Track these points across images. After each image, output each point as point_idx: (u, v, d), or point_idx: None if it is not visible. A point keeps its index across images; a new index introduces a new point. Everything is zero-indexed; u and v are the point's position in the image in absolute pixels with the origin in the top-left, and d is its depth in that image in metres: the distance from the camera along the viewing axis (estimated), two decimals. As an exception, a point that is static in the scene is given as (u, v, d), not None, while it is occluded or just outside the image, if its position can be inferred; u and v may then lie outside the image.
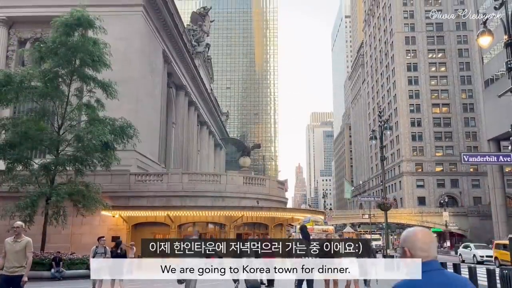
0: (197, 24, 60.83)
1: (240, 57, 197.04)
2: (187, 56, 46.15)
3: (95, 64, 18.94)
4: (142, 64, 32.42)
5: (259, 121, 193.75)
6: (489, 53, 58.88)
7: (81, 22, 18.87)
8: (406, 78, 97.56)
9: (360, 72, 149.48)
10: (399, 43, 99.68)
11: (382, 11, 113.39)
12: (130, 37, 30.86)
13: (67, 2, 28.65)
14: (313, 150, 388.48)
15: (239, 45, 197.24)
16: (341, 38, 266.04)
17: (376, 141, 34.22)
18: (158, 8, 34.44)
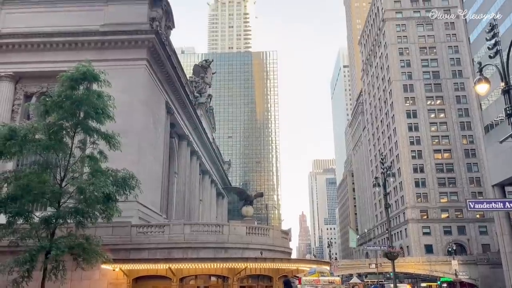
0: (199, 76, 62.31)
1: (241, 106, 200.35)
2: (190, 107, 46.92)
3: (99, 117, 19.21)
4: (145, 116, 32.90)
5: (261, 169, 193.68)
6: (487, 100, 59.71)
7: (86, 76, 19.33)
8: (406, 124, 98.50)
9: (360, 119, 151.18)
10: (398, 91, 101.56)
11: (379, 61, 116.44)
12: (134, 90, 31.52)
13: (74, 57, 29.62)
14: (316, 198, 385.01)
15: (240, 95, 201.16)
16: (340, 86, 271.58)
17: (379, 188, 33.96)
18: (161, 62, 35.42)
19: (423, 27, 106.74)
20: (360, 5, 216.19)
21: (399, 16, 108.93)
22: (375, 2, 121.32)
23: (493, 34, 18.96)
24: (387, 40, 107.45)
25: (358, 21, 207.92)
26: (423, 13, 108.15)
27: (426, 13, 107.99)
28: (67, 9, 34.97)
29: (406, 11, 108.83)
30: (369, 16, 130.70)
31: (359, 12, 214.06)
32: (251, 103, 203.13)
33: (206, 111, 64.73)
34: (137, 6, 34.62)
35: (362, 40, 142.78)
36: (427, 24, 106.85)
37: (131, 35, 32.80)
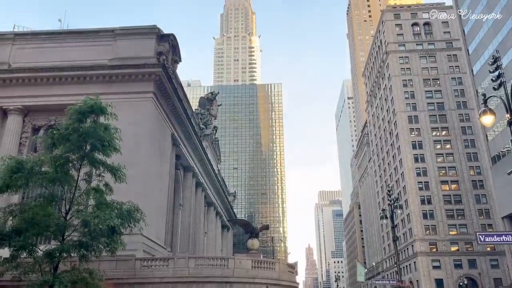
0: (205, 108, 63.02)
1: (247, 138, 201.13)
2: (195, 139, 47.19)
3: (105, 149, 19.35)
4: (151, 148, 33.08)
5: (266, 201, 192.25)
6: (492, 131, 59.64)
7: (93, 109, 19.60)
8: (412, 156, 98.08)
9: (365, 150, 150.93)
10: (403, 122, 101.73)
11: (384, 93, 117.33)
12: (140, 122, 31.84)
13: (82, 90, 30.16)
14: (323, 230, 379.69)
15: (245, 127, 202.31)
16: (345, 118, 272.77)
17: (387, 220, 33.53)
18: (168, 95, 35.91)
19: (426, 59, 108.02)
20: (363, 38, 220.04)
21: (402, 48, 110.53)
22: (378, 35, 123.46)
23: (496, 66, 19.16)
24: (391, 72, 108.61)
25: (362, 53, 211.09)
26: (426, 46, 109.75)
27: (428, 46, 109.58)
28: (76, 44, 35.89)
29: (408, 44, 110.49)
30: (372, 49, 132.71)
31: (362, 45, 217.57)
32: (256, 135, 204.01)
33: (211, 143, 65.04)
34: (144, 41, 35.46)
35: (366, 72, 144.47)
36: (430, 56, 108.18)
37: (138, 69, 33.45)
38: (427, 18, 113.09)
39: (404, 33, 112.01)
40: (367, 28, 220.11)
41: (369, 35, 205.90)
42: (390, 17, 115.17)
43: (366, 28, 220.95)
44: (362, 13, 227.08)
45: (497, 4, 60.11)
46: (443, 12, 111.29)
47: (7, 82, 34.01)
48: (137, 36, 35.77)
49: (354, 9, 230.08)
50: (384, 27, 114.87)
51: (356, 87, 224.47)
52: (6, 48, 35.65)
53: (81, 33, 37.12)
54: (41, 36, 37.10)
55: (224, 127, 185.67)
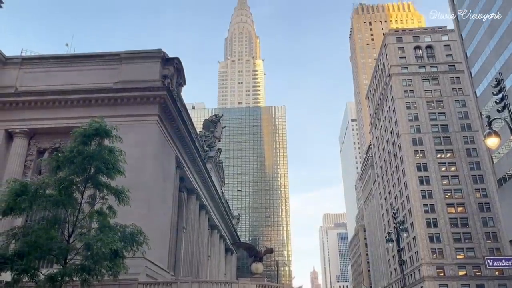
0: (209, 131, 63.23)
1: (251, 160, 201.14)
2: (199, 161, 47.19)
3: (109, 172, 19.36)
4: (155, 170, 33.08)
5: (270, 223, 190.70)
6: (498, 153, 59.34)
7: (98, 132, 19.72)
8: (417, 178, 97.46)
9: (370, 173, 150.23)
10: (407, 144, 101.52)
11: (387, 115, 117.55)
12: (145, 144, 31.95)
13: (87, 113, 30.40)
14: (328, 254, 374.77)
15: (249, 149, 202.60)
16: (349, 140, 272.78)
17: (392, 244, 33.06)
18: (172, 117, 36.12)
19: (429, 82, 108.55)
20: (366, 61, 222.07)
21: (404, 71, 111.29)
22: (380, 58, 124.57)
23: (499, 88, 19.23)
24: (394, 95, 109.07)
25: (365, 76, 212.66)
26: (428, 68, 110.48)
27: (431, 68, 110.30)
28: (82, 68, 36.39)
29: (411, 67, 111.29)
30: (375, 72, 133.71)
31: (365, 67, 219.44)
32: (260, 157, 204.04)
33: (215, 165, 64.99)
34: (150, 65, 35.91)
35: (369, 94, 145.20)
36: (433, 78, 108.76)
37: (143, 92, 33.77)
38: (429, 41, 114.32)
39: (407, 56, 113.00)
40: (369, 51, 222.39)
41: (372, 58, 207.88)
42: (393, 40, 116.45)
43: (368, 52, 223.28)
44: (365, 36, 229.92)
45: (499, 28, 60.74)
46: (445, 35, 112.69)
47: (13, 105, 34.38)
48: (142, 59, 36.25)
49: (356, 33, 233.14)
50: (387, 50, 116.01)
51: (359, 110, 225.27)
52: (13, 72, 36.19)
53: (87, 57, 37.68)
54: (48, 60, 37.66)
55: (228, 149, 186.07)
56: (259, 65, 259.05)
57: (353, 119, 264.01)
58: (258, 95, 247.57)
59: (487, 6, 64.05)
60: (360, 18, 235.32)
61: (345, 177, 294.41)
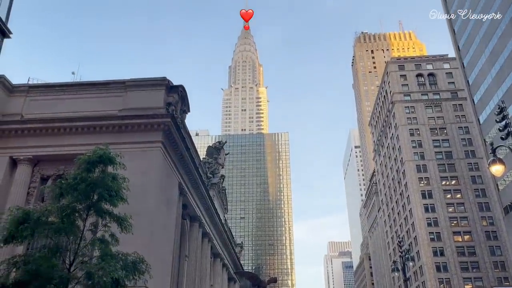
0: (213, 157, 63.18)
1: (254, 187, 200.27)
2: (202, 188, 47.00)
3: (112, 199, 19.31)
4: (158, 197, 32.94)
5: (274, 252, 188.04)
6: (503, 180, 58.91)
7: (102, 159, 19.78)
8: (422, 205, 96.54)
9: (374, 200, 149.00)
10: (411, 171, 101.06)
11: (391, 142, 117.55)
12: (148, 171, 31.91)
13: (92, 140, 30.53)
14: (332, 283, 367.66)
15: (252, 176, 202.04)
16: (353, 167, 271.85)
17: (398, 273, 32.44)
18: (176, 144, 36.23)
19: (432, 109, 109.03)
20: (368, 88, 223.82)
21: (407, 98, 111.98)
22: (383, 86, 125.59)
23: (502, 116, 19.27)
24: (397, 122, 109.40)
25: (367, 103, 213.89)
26: (431, 96, 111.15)
27: (434, 96, 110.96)
28: (88, 96, 36.81)
29: (414, 94, 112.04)
30: (378, 99, 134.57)
31: (367, 95, 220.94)
32: (264, 184, 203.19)
33: (218, 192, 64.66)
34: (154, 92, 36.29)
35: (372, 121, 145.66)
36: (436, 106, 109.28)
37: (148, 119, 34.00)
38: (431, 69, 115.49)
39: (409, 83, 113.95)
40: (372, 79, 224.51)
41: (374, 86, 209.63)
42: (395, 68, 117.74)
43: (371, 79, 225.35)
44: (367, 64, 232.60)
45: (500, 56, 61.41)
46: (446, 63, 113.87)
47: (19, 133, 34.63)
48: (147, 87, 36.66)
49: (358, 61, 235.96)
50: (389, 77, 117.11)
51: (363, 136, 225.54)
52: (20, 100, 36.61)
53: (93, 85, 38.16)
54: (54, 88, 38.14)
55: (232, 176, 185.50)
56: (262, 92, 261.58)
57: (356, 145, 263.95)
58: (262, 122, 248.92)
59: (488, 36, 64.96)
60: (362, 46, 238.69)
61: (349, 204, 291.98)
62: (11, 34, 34.48)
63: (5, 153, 34.12)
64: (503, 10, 59.66)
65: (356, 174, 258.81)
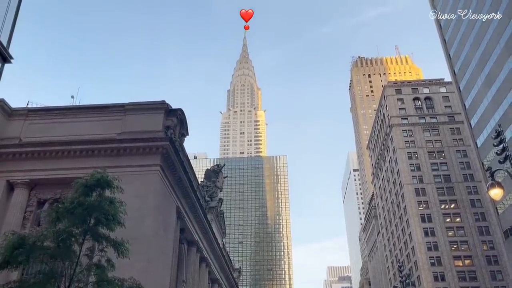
0: (211, 181, 62.95)
1: (252, 210, 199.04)
2: (200, 212, 46.64)
3: (109, 223, 19.14)
4: (156, 222, 32.64)
5: (273, 277, 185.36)
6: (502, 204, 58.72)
7: (100, 183, 19.70)
8: (421, 229, 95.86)
9: (374, 224, 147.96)
10: (410, 195, 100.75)
11: (389, 165, 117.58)
12: (146, 195, 31.73)
13: (90, 164, 30.47)
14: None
15: (251, 199, 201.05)
16: (351, 190, 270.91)
17: (399, 299, 31.91)
18: (174, 167, 36.14)
19: (429, 132, 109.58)
20: (366, 112, 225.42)
21: (405, 122, 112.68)
22: (380, 109, 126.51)
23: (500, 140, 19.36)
24: (395, 145, 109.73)
25: (365, 127, 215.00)
26: (428, 119, 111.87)
27: (431, 119, 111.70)
28: (86, 119, 36.90)
29: (411, 118, 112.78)
30: (375, 122, 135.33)
31: (365, 118, 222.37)
32: (262, 207, 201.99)
33: (216, 216, 64.14)
34: (153, 116, 36.42)
35: (370, 144, 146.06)
36: (433, 129, 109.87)
37: (146, 142, 34.02)
38: (427, 92, 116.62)
39: (406, 107, 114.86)
40: (369, 102, 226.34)
41: (372, 109, 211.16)
42: (392, 92, 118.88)
43: (368, 103, 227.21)
44: (364, 88, 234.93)
45: (496, 79, 62.12)
46: (443, 87, 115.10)
47: (16, 156, 34.54)
48: (146, 111, 36.82)
49: (356, 85, 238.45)
50: (387, 101, 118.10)
51: (361, 160, 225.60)
52: (18, 124, 36.67)
53: (92, 108, 38.32)
54: (53, 112, 38.25)
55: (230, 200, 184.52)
56: (260, 115, 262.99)
57: (355, 169, 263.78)
58: (260, 145, 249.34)
59: (484, 59, 65.86)
60: (359, 70, 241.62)
61: (348, 228, 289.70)
62: (12, 60, 34.82)
63: (2, 177, 33.94)
64: (499, 34, 60.68)
65: (355, 197, 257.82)
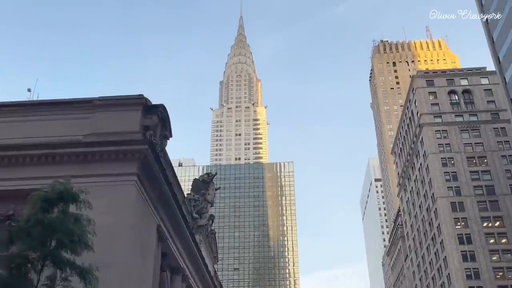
0: (200, 193, 62.91)
1: (251, 230, 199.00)
2: (187, 232, 46.56)
3: (74, 246, 19.05)
4: (131, 244, 32.57)
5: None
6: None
7: (63, 196, 19.65)
8: (459, 253, 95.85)
9: (400, 246, 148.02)
10: (445, 210, 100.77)
11: (419, 173, 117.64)
12: (119, 211, 31.64)
13: (50, 173, 30.29)
14: None
15: (249, 216, 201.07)
16: (372, 205, 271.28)
17: None
18: (154, 177, 36.05)
19: (468, 133, 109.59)
20: (390, 108, 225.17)
21: (438, 120, 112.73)
22: (408, 105, 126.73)
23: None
24: (426, 149, 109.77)
25: (389, 126, 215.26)
26: (467, 117, 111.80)
27: (470, 117, 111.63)
28: (47, 118, 36.74)
29: (446, 115, 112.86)
30: (402, 121, 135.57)
31: (389, 116, 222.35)
32: (263, 226, 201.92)
33: (206, 236, 64.12)
34: (128, 113, 36.30)
35: (395, 149, 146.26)
36: (473, 129, 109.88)
37: (119, 146, 33.90)
38: (466, 84, 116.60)
39: (440, 102, 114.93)
40: (394, 96, 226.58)
41: (398, 105, 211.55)
42: (422, 83, 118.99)
43: (393, 97, 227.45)
44: (388, 79, 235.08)
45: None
46: (484, 78, 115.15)
47: (-41, 164, 34.52)
48: (119, 107, 36.70)
49: (378, 76, 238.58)
50: (416, 95, 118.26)
51: (384, 167, 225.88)
52: (-39, 123, 36.63)
53: (53, 104, 38.14)
54: (3, 109, 38.15)
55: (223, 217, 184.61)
56: (261, 113, 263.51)
57: (377, 178, 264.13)
58: (260, 149, 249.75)
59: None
60: (382, 57, 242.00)
61: (369, 251, 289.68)
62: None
63: None
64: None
65: (377, 214, 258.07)
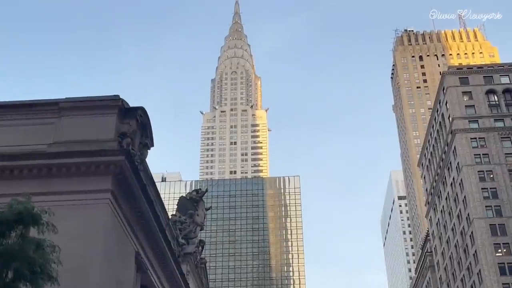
0: (187, 214, 62.97)
1: (249, 258, 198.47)
2: (171, 261, 46.56)
3: (35, 278, 19.10)
4: (104, 275, 32.55)
5: None
6: None
7: (22, 218, 19.70)
8: (500, 286, 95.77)
9: (429, 277, 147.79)
10: (483, 234, 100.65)
11: (451, 190, 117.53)
12: (90, 235, 31.62)
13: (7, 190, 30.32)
14: None
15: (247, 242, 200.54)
16: (395, 227, 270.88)
17: None
18: (132, 195, 35.99)
19: (510, 142, 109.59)
20: (416, 111, 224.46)
21: (474, 126, 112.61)
22: (438, 108, 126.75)
23: None
24: (460, 160, 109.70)
25: (416, 133, 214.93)
26: (509, 122, 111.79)
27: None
28: (3, 123, 36.88)
29: (484, 120, 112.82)
30: (431, 127, 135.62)
31: (415, 121, 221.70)
32: (264, 253, 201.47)
33: (195, 266, 64.11)
34: (101, 118, 36.35)
35: (423, 160, 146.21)
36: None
37: (90, 157, 33.93)
38: (507, 83, 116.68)
39: (476, 104, 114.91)
40: (421, 97, 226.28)
41: (425, 108, 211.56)
42: (455, 82, 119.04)
43: (420, 98, 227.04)
44: (414, 77, 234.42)
45: None
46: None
47: None
48: (91, 110, 36.73)
49: (401, 72, 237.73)
50: (447, 96, 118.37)
51: (410, 182, 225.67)
52: None
53: (11, 107, 38.19)
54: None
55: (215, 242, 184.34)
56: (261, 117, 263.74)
57: (400, 196, 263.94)
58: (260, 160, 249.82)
59: None
60: (405, 50, 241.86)
61: (391, 283, 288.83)
62: None
63: None
64: None
65: (401, 238, 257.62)
